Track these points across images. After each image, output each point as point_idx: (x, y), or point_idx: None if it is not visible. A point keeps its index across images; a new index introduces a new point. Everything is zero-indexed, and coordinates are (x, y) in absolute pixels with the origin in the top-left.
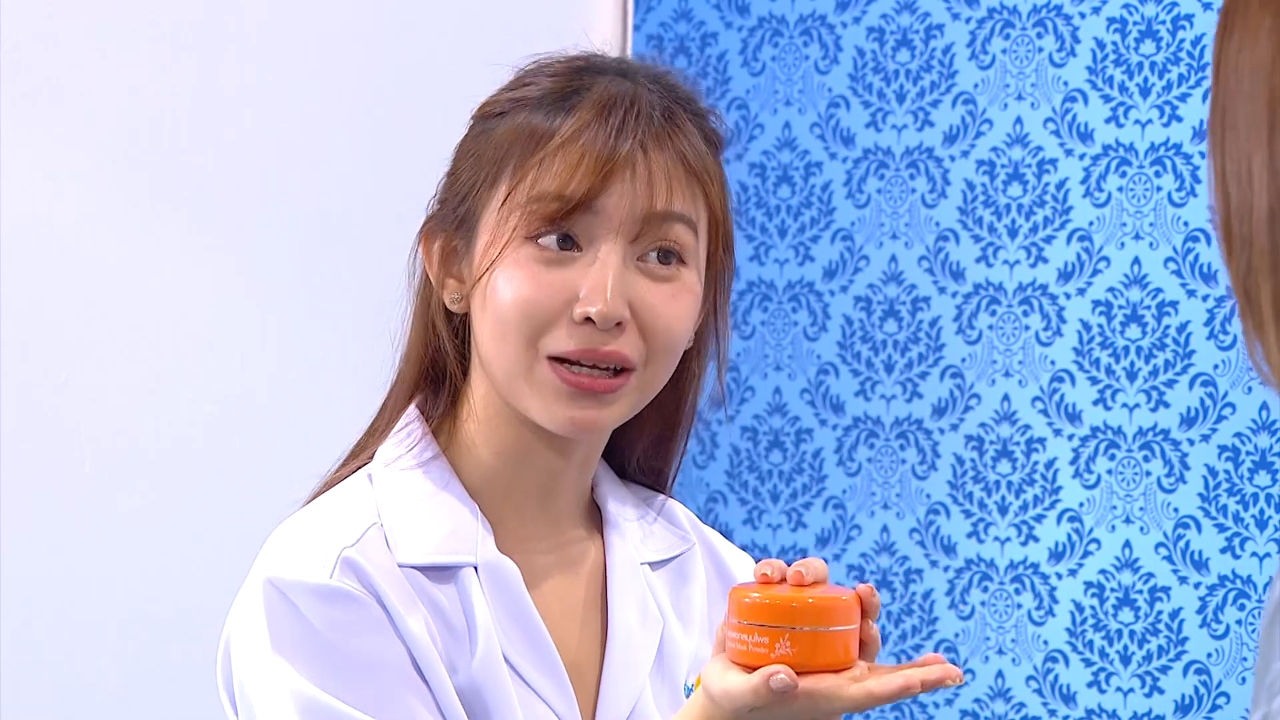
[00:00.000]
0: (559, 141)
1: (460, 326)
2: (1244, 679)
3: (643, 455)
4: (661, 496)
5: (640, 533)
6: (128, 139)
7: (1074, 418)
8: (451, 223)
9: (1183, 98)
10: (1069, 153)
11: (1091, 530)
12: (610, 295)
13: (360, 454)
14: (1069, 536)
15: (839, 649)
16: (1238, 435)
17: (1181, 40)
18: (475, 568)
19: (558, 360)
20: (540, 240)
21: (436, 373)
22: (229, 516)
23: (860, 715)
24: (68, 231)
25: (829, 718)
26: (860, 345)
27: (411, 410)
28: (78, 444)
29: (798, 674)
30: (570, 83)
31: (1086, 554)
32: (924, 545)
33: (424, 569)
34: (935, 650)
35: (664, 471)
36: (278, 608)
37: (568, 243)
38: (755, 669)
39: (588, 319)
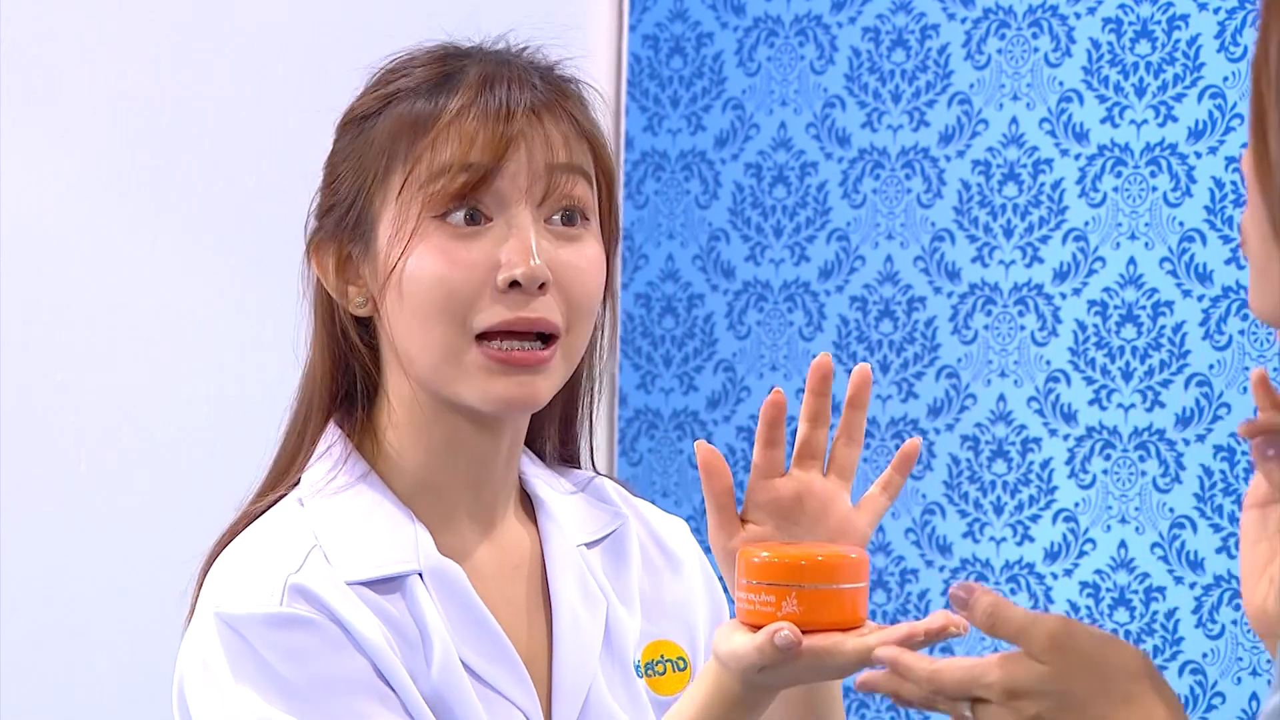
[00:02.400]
0: (447, 119)
1: (365, 333)
2: (1239, 679)
3: (556, 441)
4: (591, 474)
5: (573, 513)
6: (125, 139)
7: (1069, 418)
8: (342, 230)
9: (1178, 98)
10: (1064, 153)
11: (1087, 530)
12: (533, 256)
13: (278, 484)
14: (1064, 536)
15: (847, 607)
16: (1233, 435)
17: (1177, 41)
18: (420, 574)
19: (485, 338)
20: (449, 218)
21: (348, 387)
22: (226, 517)
23: (855, 707)
24: (64, 231)
25: (838, 676)
26: (856, 345)
27: (331, 432)
28: (75, 444)
29: (805, 632)
30: (441, 68)
31: (1082, 554)
32: (919, 545)
33: (369, 583)
34: (931, 651)
35: (576, 456)
36: (233, 641)
37: (475, 217)
38: (762, 628)
39: (513, 283)
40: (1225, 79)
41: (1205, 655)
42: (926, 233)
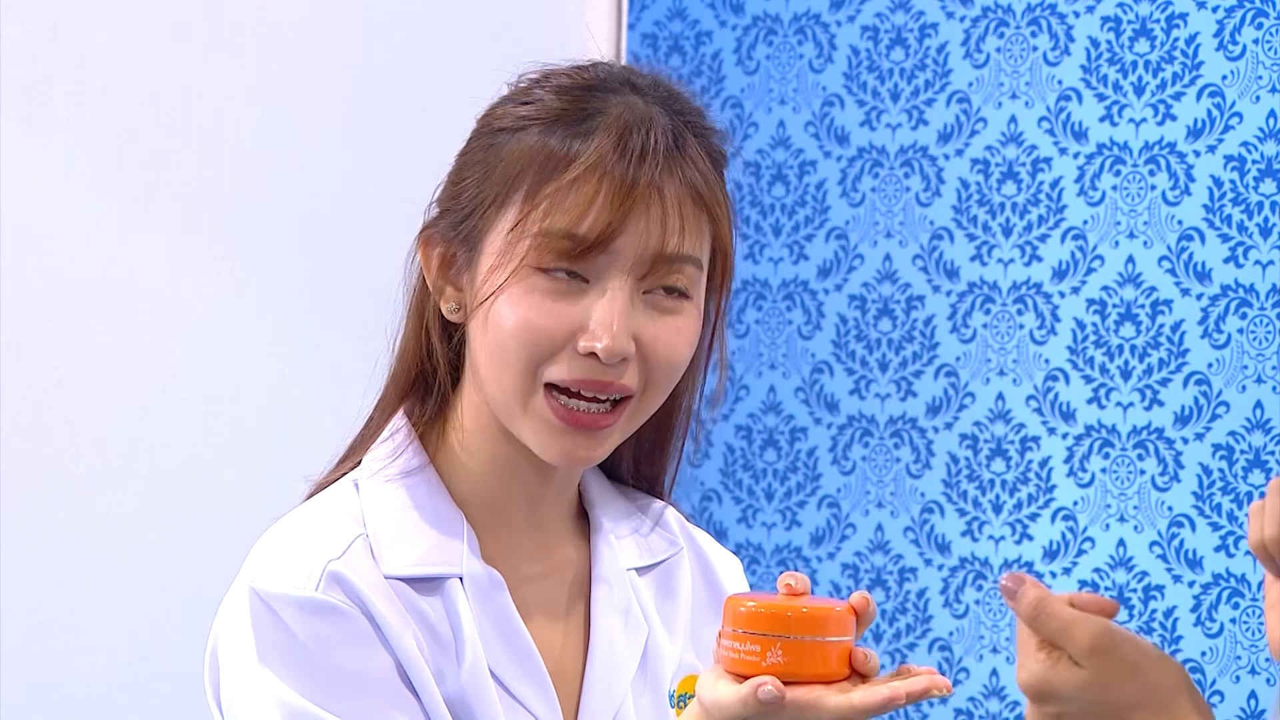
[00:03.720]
0: (575, 174)
1: (453, 334)
2: (1238, 678)
3: (636, 461)
4: (657, 502)
5: (629, 537)
6: (123, 138)
7: (1068, 416)
8: (454, 233)
9: (1176, 96)
10: (1063, 151)
11: (1085, 529)
12: (617, 330)
13: (350, 458)
14: (1063, 535)
15: (831, 660)
16: (1231, 434)
17: (1175, 39)
18: (460, 579)
19: (554, 389)
20: (550, 271)
21: (427, 377)
22: (222, 515)
23: None
24: (62, 230)
25: None
26: (855, 344)
27: (399, 417)
28: (71, 443)
29: (789, 684)
30: (582, 103)
31: (1080, 553)
32: (918, 544)
33: (409, 580)
34: (929, 649)
35: (659, 478)
36: (263, 618)
37: (576, 275)
38: (747, 678)
39: (592, 353)
40: (1224, 78)
41: (1204, 654)
42: (925, 231)
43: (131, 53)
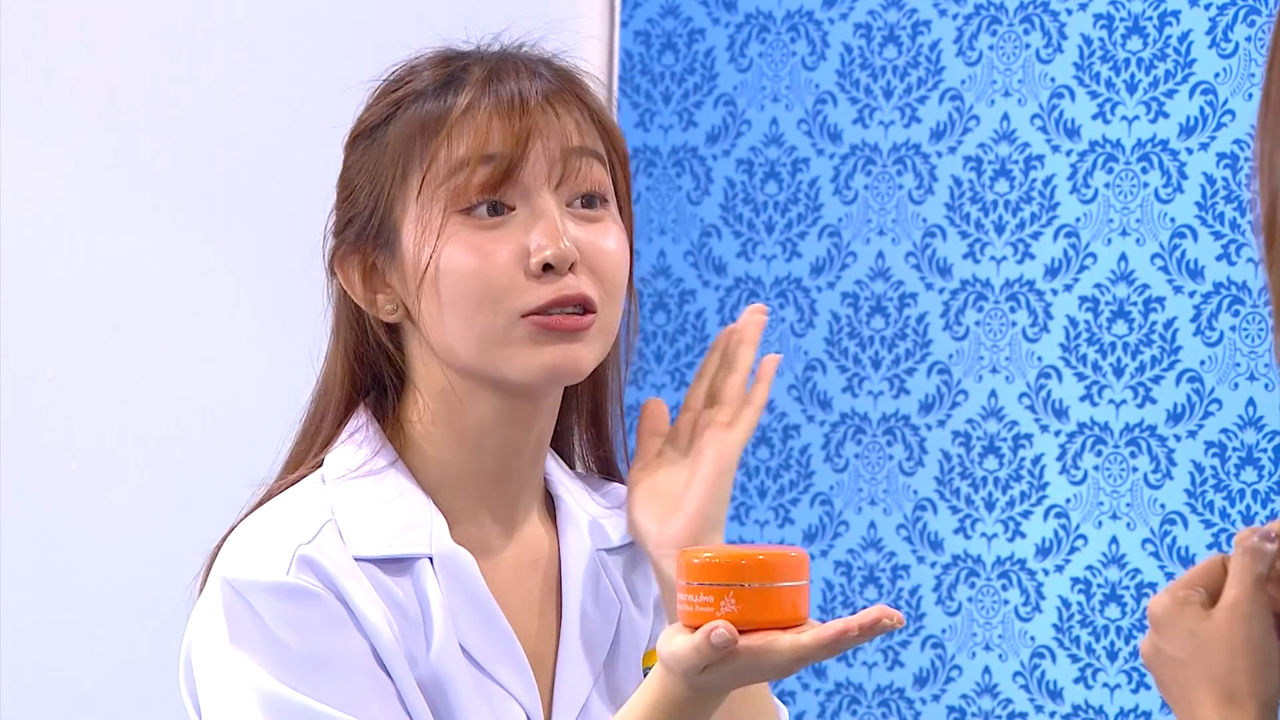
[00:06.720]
0: (458, 114)
1: (392, 336)
2: None
3: (584, 443)
4: (620, 487)
5: (594, 520)
6: (115, 135)
7: (1061, 414)
8: (364, 240)
9: (1169, 94)
10: (1056, 149)
11: (1078, 526)
12: (562, 238)
13: (299, 467)
14: (1056, 533)
15: (787, 605)
16: (1224, 431)
17: (1168, 36)
18: (430, 559)
19: (530, 314)
20: (473, 213)
21: (378, 381)
22: (217, 512)
23: (846, 703)
24: (54, 228)
25: (778, 676)
26: (847, 341)
27: (360, 417)
28: (65, 441)
29: (745, 631)
30: (445, 69)
31: (1073, 550)
32: (911, 541)
33: (379, 561)
34: (922, 646)
35: (611, 460)
36: (236, 607)
37: (499, 209)
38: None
39: (545, 266)
40: (1216, 75)
41: None
42: (918, 229)
43: (122, 49)
